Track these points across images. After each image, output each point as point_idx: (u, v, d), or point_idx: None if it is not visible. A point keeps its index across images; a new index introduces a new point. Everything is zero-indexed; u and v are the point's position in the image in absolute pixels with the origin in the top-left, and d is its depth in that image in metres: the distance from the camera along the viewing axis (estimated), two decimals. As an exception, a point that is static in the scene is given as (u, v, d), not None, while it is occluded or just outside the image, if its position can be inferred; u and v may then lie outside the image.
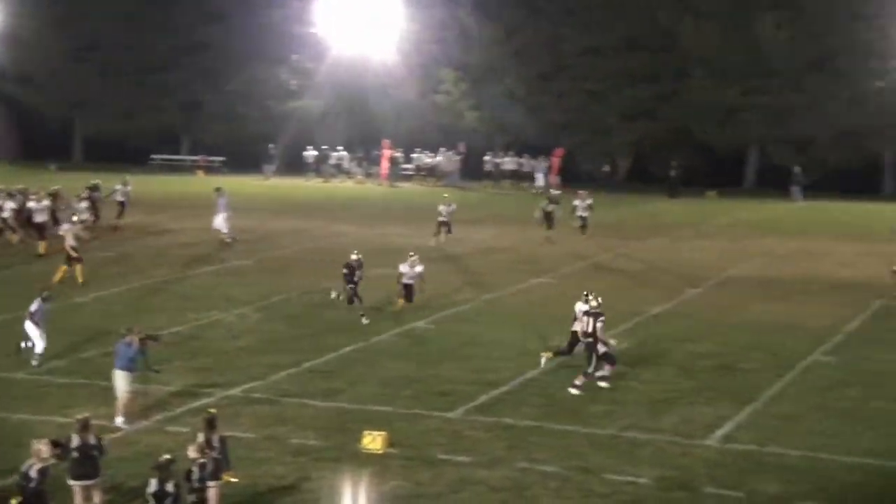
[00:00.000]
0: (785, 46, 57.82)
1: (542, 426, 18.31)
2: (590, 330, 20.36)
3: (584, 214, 39.18)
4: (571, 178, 58.86)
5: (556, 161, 60.95)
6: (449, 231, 37.17)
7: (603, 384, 20.31)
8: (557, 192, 39.46)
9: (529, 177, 61.36)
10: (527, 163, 61.91)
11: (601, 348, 20.29)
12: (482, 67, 63.33)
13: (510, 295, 29.42)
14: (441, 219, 37.21)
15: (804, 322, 26.07)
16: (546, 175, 58.75)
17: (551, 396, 19.98)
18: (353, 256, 26.03)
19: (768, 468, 16.43)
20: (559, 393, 20.15)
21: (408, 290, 26.53)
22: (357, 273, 25.78)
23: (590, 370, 20.23)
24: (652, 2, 60.41)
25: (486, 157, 62.79)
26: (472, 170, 61.56)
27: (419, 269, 26.69)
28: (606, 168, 63.18)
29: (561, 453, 17.00)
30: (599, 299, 20.91)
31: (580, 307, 21.10)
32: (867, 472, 16.22)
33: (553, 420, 18.62)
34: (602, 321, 20.46)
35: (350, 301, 25.66)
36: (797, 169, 57.07)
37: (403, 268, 26.60)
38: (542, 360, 21.57)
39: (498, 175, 61.98)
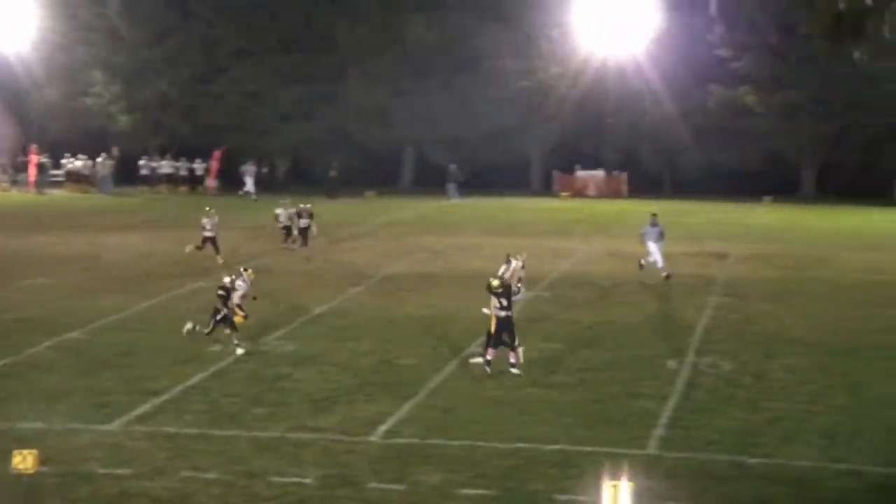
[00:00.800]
0: (434, 48, 59.64)
1: (205, 433, 17.97)
2: (505, 303, 21.16)
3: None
4: (231, 180, 58.57)
5: (214, 164, 60.37)
6: (214, 246, 34.33)
7: (481, 366, 20.82)
8: (308, 205, 38.23)
9: (186, 180, 60.59)
10: (183, 166, 61.08)
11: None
12: (133, 69, 61.75)
13: (168, 301, 28.74)
14: (206, 233, 34.33)
15: (460, 316, 26.86)
16: (253, 180, 57.82)
17: (214, 402, 19.65)
18: (227, 279, 23.77)
19: (430, 460, 16.79)
20: (222, 399, 19.86)
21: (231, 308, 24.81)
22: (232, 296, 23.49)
23: (516, 343, 21.11)
24: (307, 3, 60.86)
25: (141, 161, 61.44)
26: (126, 174, 60.01)
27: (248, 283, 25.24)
28: (265, 169, 63.08)
29: (224, 459, 16.74)
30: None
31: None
32: (521, 457, 16.88)
33: (216, 426, 18.32)
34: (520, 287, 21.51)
35: (212, 331, 23.34)
36: (452, 167, 59.00)
37: (239, 283, 24.80)
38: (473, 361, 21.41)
39: (154, 179, 60.75)
